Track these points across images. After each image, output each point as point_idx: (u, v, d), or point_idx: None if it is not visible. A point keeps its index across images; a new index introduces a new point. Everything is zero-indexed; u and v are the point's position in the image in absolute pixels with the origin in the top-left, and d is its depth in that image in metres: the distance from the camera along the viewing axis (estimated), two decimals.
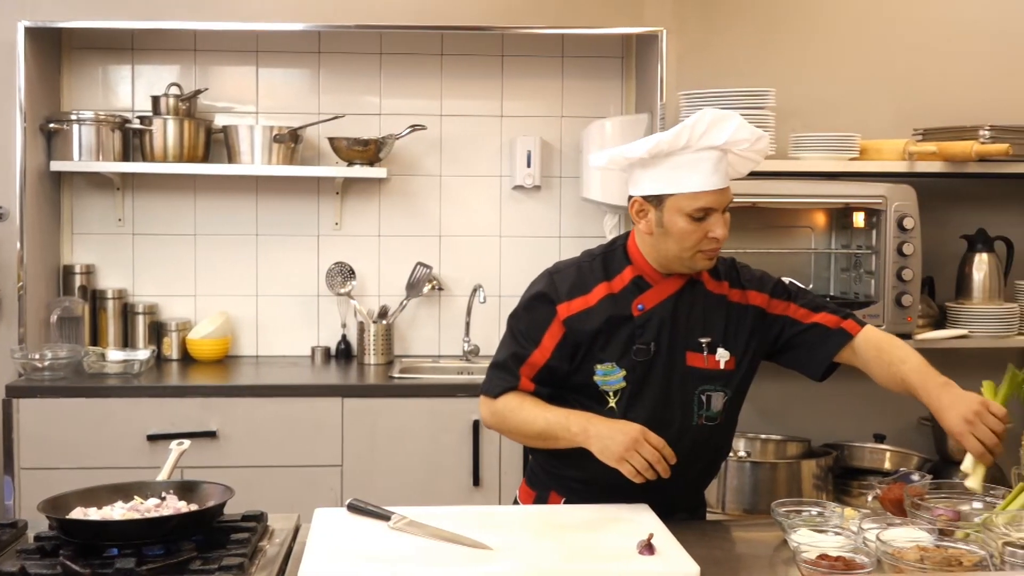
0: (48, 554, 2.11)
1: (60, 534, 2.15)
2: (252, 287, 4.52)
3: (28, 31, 4.00)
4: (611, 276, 2.56)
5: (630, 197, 2.55)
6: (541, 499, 2.66)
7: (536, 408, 2.53)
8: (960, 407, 2.39)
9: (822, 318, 2.62)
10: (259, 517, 2.34)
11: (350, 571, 2.07)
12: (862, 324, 2.63)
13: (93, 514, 2.22)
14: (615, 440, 2.39)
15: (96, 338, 4.34)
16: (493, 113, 4.54)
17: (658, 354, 2.53)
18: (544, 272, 2.64)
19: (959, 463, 3.96)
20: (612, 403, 2.54)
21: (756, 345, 2.62)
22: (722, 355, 2.56)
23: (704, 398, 2.55)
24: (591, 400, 2.55)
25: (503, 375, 2.58)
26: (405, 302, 4.48)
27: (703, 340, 2.55)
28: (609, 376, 2.53)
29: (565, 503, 2.59)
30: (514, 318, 2.62)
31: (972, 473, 2.38)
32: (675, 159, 2.45)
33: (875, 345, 2.59)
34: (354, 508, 2.38)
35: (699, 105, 3.86)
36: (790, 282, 2.69)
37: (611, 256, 2.60)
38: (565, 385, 2.58)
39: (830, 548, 2.14)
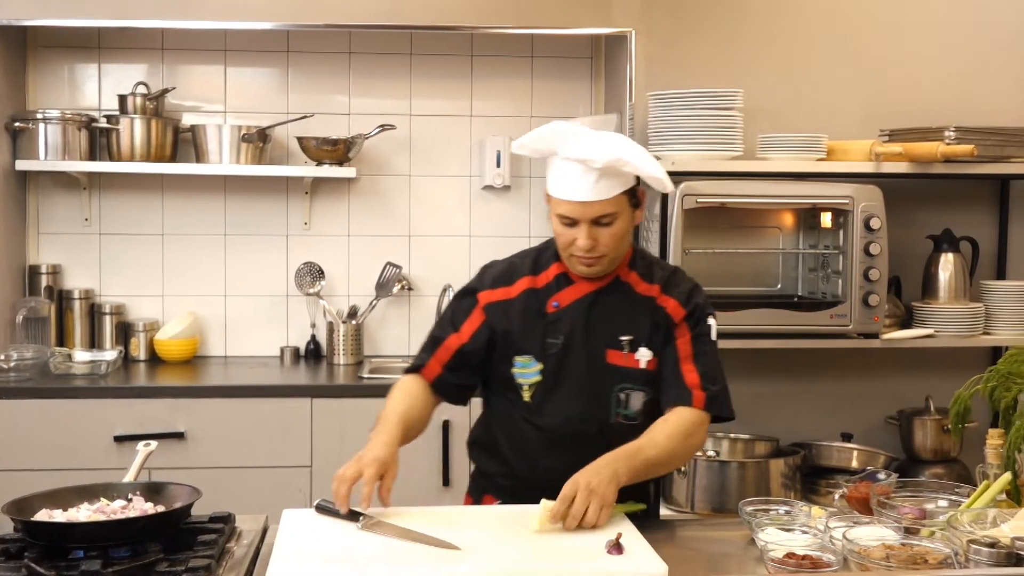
0: (13, 556, 2.09)
1: (25, 536, 2.14)
2: (220, 287, 4.49)
3: None
4: (537, 271, 2.63)
5: None
6: (477, 503, 2.69)
7: (394, 400, 2.61)
8: (587, 473, 2.34)
9: (688, 371, 2.58)
10: (226, 518, 2.33)
11: (317, 572, 2.06)
12: (707, 406, 2.56)
13: (58, 516, 2.20)
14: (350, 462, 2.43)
15: (63, 339, 4.31)
16: (462, 113, 4.54)
17: (572, 350, 2.56)
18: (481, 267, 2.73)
19: (926, 461, 4.06)
20: (527, 397, 2.58)
21: None
22: (643, 354, 2.58)
23: (623, 396, 2.58)
24: (511, 392, 2.61)
25: (418, 355, 2.68)
26: (375, 302, 4.47)
27: (624, 338, 2.58)
28: (526, 369, 2.58)
29: (500, 504, 2.60)
30: (445, 308, 2.73)
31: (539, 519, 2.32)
32: (553, 161, 2.51)
33: (666, 418, 2.55)
34: (322, 509, 2.37)
35: (668, 105, 3.88)
36: (708, 325, 2.64)
37: (543, 253, 2.66)
38: (492, 377, 2.65)
39: (797, 547, 2.16)
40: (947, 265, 4.13)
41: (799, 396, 4.33)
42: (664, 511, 3.90)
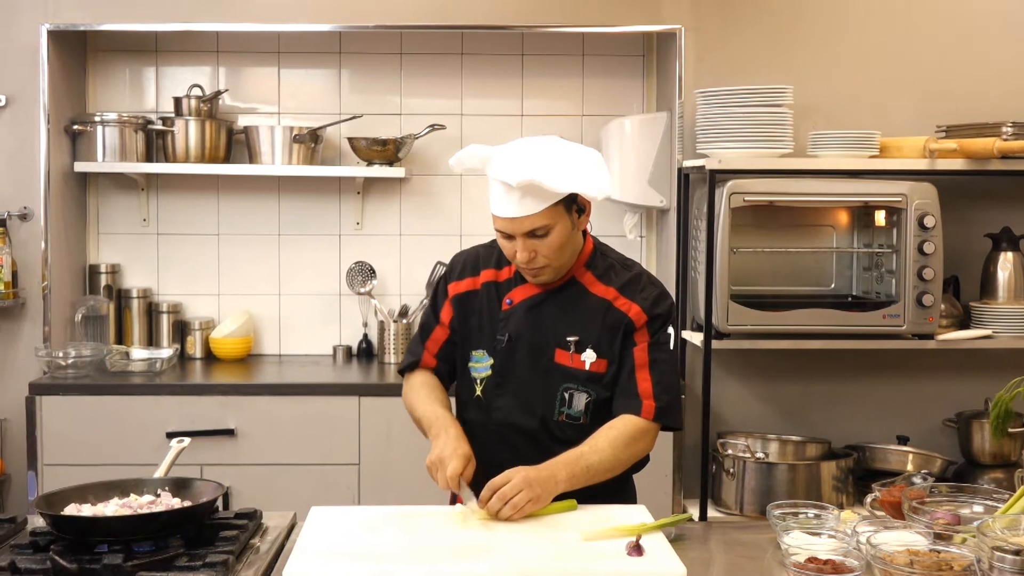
0: (40, 549, 2.15)
1: (53, 530, 2.18)
2: (274, 286, 4.54)
3: (51, 34, 4.05)
4: (501, 265, 2.69)
5: None
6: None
7: (422, 396, 2.70)
8: (528, 469, 2.42)
9: (643, 379, 2.59)
10: (252, 515, 2.36)
11: (334, 569, 2.08)
12: (656, 417, 2.57)
13: (86, 510, 2.25)
14: (433, 452, 2.51)
15: (121, 337, 4.39)
16: (513, 112, 4.54)
17: (518, 348, 2.62)
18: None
19: (985, 465, 3.96)
20: (479, 391, 2.66)
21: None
22: (588, 356, 2.60)
23: (567, 396, 2.61)
24: (465, 386, 2.70)
25: (412, 348, 2.83)
26: (425, 301, 4.49)
27: (571, 339, 2.60)
28: (479, 364, 2.67)
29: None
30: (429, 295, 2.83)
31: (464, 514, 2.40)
32: (488, 177, 2.54)
33: (611, 424, 2.56)
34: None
35: (716, 103, 3.84)
36: (667, 333, 2.63)
37: None
38: (457, 367, 2.75)
39: (821, 551, 2.12)
40: (1006, 264, 4.03)
41: (853, 398, 4.26)
42: (712, 513, 3.87)
